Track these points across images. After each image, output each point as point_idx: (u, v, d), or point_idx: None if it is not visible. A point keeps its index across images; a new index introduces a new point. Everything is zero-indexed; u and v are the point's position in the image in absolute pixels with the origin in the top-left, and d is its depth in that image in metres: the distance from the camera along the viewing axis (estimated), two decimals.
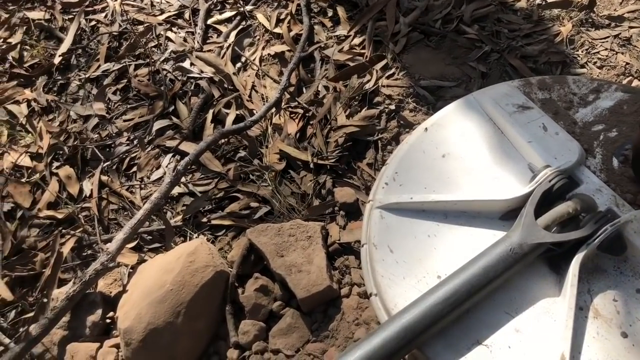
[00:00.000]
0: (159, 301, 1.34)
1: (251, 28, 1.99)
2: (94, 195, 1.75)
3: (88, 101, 2.03)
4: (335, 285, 1.37)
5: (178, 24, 2.14)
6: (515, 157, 1.35)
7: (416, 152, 1.41)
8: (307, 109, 1.74)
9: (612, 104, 1.45)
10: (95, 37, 2.14)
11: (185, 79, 1.96)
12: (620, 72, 1.65)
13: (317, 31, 1.93)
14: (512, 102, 1.41)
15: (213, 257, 1.41)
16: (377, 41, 1.85)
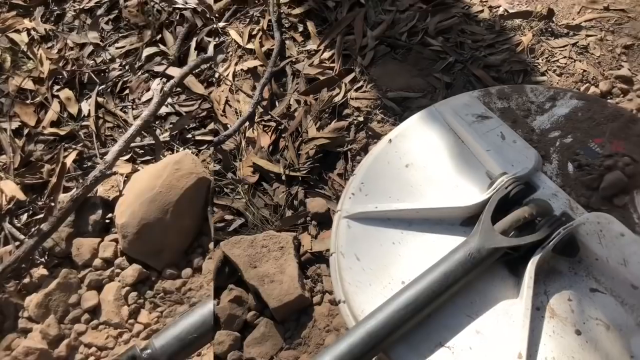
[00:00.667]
0: (150, 201, 1.64)
1: (224, 44, 2.05)
2: (92, 115, 2.03)
3: (83, 30, 2.29)
4: (307, 294, 1.42)
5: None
6: (475, 166, 1.41)
7: (381, 163, 1.47)
8: (279, 122, 1.80)
9: (567, 111, 1.52)
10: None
11: (172, 9, 2.21)
12: (578, 79, 1.72)
13: (288, 46, 1.99)
14: (472, 112, 1.47)
15: (196, 166, 1.71)
16: (346, 55, 1.91)
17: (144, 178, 1.70)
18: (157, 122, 1.99)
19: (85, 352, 1.56)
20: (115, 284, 1.64)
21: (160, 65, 2.10)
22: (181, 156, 1.72)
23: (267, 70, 1.92)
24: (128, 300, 1.62)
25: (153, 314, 1.60)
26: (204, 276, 1.62)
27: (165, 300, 1.62)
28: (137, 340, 1.57)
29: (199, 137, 1.91)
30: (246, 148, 1.82)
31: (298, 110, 1.83)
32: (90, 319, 1.61)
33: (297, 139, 1.79)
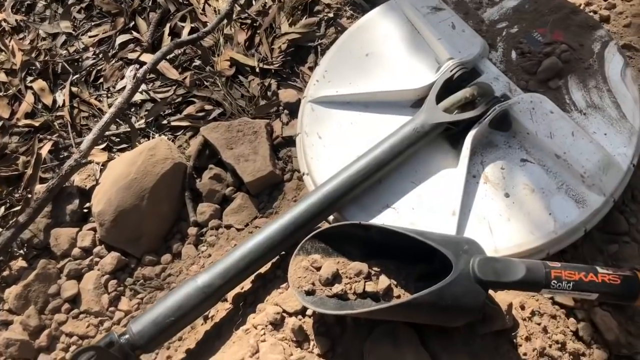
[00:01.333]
0: (126, 188, 1.63)
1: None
2: (66, 105, 2.02)
3: (55, 20, 2.27)
4: (279, 172, 1.60)
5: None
6: (427, 53, 1.54)
7: (343, 53, 1.60)
8: (255, 19, 1.90)
9: (515, 4, 1.63)
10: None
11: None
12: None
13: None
14: (427, 4, 1.58)
15: (172, 151, 1.64)
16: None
17: (120, 165, 1.69)
18: (133, 109, 1.99)
19: (67, 341, 1.57)
20: (94, 272, 1.64)
21: (134, 52, 2.09)
22: (156, 142, 1.71)
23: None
24: (108, 288, 1.62)
25: (133, 301, 1.60)
26: (184, 261, 1.64)
27: (146, 286, 1.62)
28: (118, 328, 1.57)
29: (174, 123, 1.90)
30: (224, 44, 1.92)
31: (272, 7, 1.92)
32: (70, 308, 1.60)
33: (271, 35, 1.89)
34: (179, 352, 1.44)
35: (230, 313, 1.41)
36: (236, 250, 1.32)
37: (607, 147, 1.40)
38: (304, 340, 1.20)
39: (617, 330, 1.33)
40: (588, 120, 1.45)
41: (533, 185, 1.38)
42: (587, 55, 1.54)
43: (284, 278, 1.36)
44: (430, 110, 1.41)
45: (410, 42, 1.61)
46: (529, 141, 1.43)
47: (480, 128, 1.41)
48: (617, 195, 1.39)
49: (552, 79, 1.52)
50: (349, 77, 1.60)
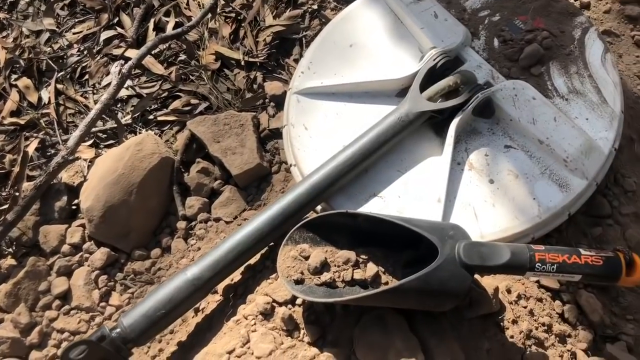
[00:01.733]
0: (113, 183, 1.63)
1: None
2: (52, 102, 2.02)
3: (38, 17, 2.26)
4: (266, 164, 1.61)
5: None
6: (410, 42, 1.55)
7: (328, 44, 1.60)
8: (239, 12, 1.90)
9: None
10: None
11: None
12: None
13: None
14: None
15: (159, 146, 1.65)
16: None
17: (107, 161, 1.69)
18: (119, 105, 1.99)
19: (58, 337, 1.57)
20: (84, 268, 1.64)
21: (118, 48, 2.08)
22: (143, 137, 1.71)
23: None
24: (98, 283, 1.62)
25: (124, 296, 1.61)
26: (173, 255, 1.65)
27: (136, 281, 1.63)
28: (110, 323, 1.57)
29: (161, 118, 1.90)
30: (209, 38, 1.92)
31: (256, 0, 1.92)
32: (61, 305, 1.60)
33: (255, 28, 1.90)
34: (171, 345, 1.45)
35: (221, 305, 1.42)
36: (225, 242, 1.33)
37: (589, 131, 1.42)
38: (294, 329, 1.21)
39: (602, 312, 1.35)
40: (570, 106, 1.47)
41: (517, 170, 1.40)
42: (568, 41, 1.56)
43: (273, 268, 1.37)
44: (414, 99, 1.42)
45: (393, 32, 1.62)
46: (512, 127, 1.44)
47: (463, 116, 1.42)
48: (599, 179, 1.41)
49: (534, 66, 1.53)
50: (333, 68, 1.60)
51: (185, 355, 1.38)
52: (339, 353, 1.16)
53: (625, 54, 1.70)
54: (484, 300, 1.23)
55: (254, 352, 1.19)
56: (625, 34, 1.73)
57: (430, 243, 1.12)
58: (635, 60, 1.69)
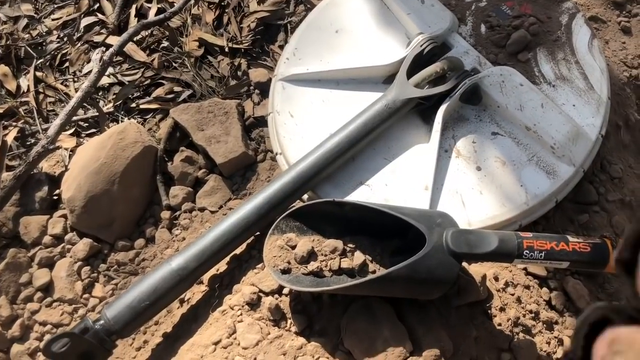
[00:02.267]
0: (95, 172, 1.60)
1: None
2: (31, 90, 1.98)
3: (16, 3, 2.20)
4: (251, 152, 1.59)
5: None
6: (397, 28, 1.54)
7: (313, 30, 1.58)
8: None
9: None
10: None
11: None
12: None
13: None
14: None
15: (141, 135, 1.62)
16: None
17: (89, 150, 1.66)
18: (100, 93, 1.95)
19: (41, 330, 1.54)
20: (67, 259, 1.61)
21: (99, 35, 2.03)
22: (125, 126, 1.68)
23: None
24: (81, 275, 1.59)
25: (108, 287, 1.59)
26: (157, 246, 1.63)
27: (119, 272, 1.61)
28: (93, 315, 1.54)
29: (143, 106, 1.87)
30: (192, 24, 1.89)
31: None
32: (43, 297, 1.58)
33: (240, 14, 1.87)
34: (156, 336, 1.43)
35: (207, 295, 1.40)
36: (211, 232, 1.31)
37: (576, 118, 1.42)
38: (281, 319, 1.20)
39: (588, 298, 1.36)
40: (557, 92, 1.47)
41: (504, 157, 1.39)
42: (555, 27, 1.55)
43: (260, 258, 1.36)
44: (401, 86, 1.41)
45: (379, 18, 1.60)
46: (500, 114, 1.44)
47: (451, 102, 1.41)
48: (586, 165, 1.42)
49: (521, 52, 1.53)
50: (319, 54, 1.58)
51: (171, 347, 1.36)
52: (326, 342, 1.15)
53: (612, 40, 1.70)
54: (472, 288, 1.23)
55: (240, 342, 1.17)
56: (611, 20, 1.73)
57: (418, 231, 1.11)
58: (622, 47, 1.69)
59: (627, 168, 1.57)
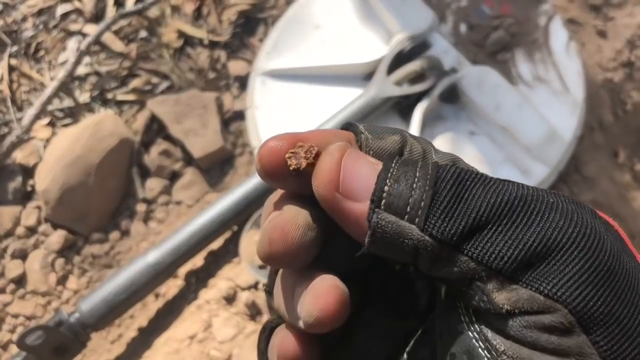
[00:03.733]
0: (71, 164, 1.60)
1: None
2: (5, 79, 1.96)
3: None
4: (230, 146, 1.60)
5: None
6: (378, 25, 1.56)
7: (293, 24, 1.59)
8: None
9: None
10: None
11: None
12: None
13: None
14: None
15: (118, 126, 1.63)
16: None
17: (64, 141, 1.64)
18: (77, 83, 1.91)
19: (13, 322, 1.54)
20: (40, 251, 1.60)
21: (76, 23, 2.00)
22: (102, 117, 1.68)
23: None
24: (55, 267, 1.58)
25: (82, 280, 1.58)
26: (133, 239, 1.63)
27: (94, 264, 1.60)
28: (67, 307, 1.53)
29: (120, 97, 1.85)
30: (171, 15, 1.89)
31: None
32: (16, 289, 1.57)
33: (220, 5, 1.87)
34: (131, 330, 1.44)
35: (182, 290, 1.41)
36: (187, 226, 1.32)
37: (552, 119, 1.46)
38: (257, 314, 1.22)
39: None
40: (534, 93, 1.50)
41: (481, 156, 1.43)
42: (533, 29, 1.59)
43: (236, 252, 1.37)
44: (381, 84, 1.43)
45: (360, 15, 1.62)
46: (477, 113, 1.47)
47: (429, 101, 1.44)
48: (561, 166, 1.46)
49: (500, 52, 1.56)
50: (299, 49, 1.59)
51: (146, 340, 1.37)
52: None
53: (588, 43, 1.74)
54: None
55: (216, 337, 1.19)
56: (588, 23, 1.77)
57: None
58: (597, 50, 1.74)
59: (600, 169, 1.61)
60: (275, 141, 0.29)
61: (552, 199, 0.26)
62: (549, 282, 0.23)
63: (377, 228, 0.26)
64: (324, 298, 0.27)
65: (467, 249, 0.25)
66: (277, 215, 0.29)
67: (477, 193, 0.26)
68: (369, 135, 0.30)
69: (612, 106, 1.76)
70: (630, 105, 1.81)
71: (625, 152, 1.78)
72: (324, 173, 0.27)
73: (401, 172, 0.26)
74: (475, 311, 0.26)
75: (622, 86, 1.79)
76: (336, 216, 0.28)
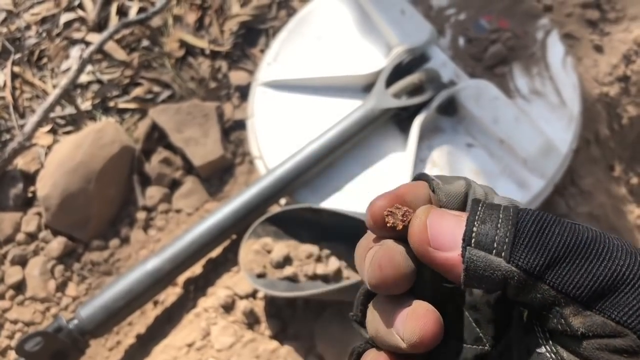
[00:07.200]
0: (72, 171, 1.61)
1: None
2: (8, 85, 1.97)
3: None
4: (230, 155, 1.62)
5: None
6: (377, 38, 1.57)
7: (295, 36, 1.61)
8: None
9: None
10: None
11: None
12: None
13: None
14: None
15: (119, 134, 1.64)
16: None
17: (66, 148, 1.66)
18: (79, 91, 1.94)
19: (12, 328, 1.54)
20: (40, 258, 1.61)
21: (79, 32, 2.02)
22: (103, 124, 1.69)
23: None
24: (55, 273, 1.59)
25: (81, 286, 1.58)
26: (132, 246, 1.63)
27: (94, 271, 1.60)
28: (66, 314, 1.54)
29: (122, 105, 1.87)
30: (173, 25, 1.90)
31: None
32: (15, 295, 1.57)
33: (222, 16, 1.88)
34: (129, 337, 1.44)
35: (181, 297, 1.42)
36: (187, 234, 1.33)
37: (548, 132, 1.47)
38: (255, 323, 1.23)
39: None
40: (531, 106, 1.52)
41: (478, 168, 1.44)
42: (530, 43, 1.60)
43: (235, 261, 1.38)
44: (380, 96, 1.44)
45: (360, 27, 1.64)
46: (475, 126, 1.48)
47: (427, 113, 1.45)
48: (557, 178, 1.47)
49: (498, 66, 1.58)
50: (300, 60, 1.61)
51: (144, 348, 1.38)
52: (299, 347, 1.18)
53: (585, 57, 1.76)
54: None
55: (214, 345, 1.20)
56: (584, 38, 1.79)
57: None
58: (593, 64, 1.76)
59: (596, 182, 1.63)
60: (380, 201, 0.36)
61: (617, 242, 0.29)
62: (619, 311, 0.27)
63: (469, 263, 0.30)
64: (424, 320, 0.31)
65: (549, 279, 0.28)
66: (380, 246, 0.35)
67: (555, 232, 0.29)
68: (439, 181, 0.36)
69: (608, 120, 1.77)
70: (626, 119, 1.82)
71: (620, 166, 1.80)
72: (416, 234, 0.32)
73: (487, 215, 0.31)
74: (552, 333, 0.30)
75: (618, 100, 1.81)
76: (431, 263, 0.32)
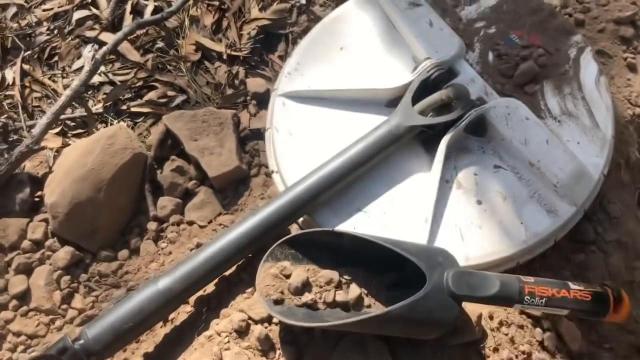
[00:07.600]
0: (82, 179, 1.56)
1: None
2: (17, 84, 1.91)
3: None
4: (245, 166, 1.56)
5: None
6: (403, 50, 1.51)
7: (317, 45, 1.55)
8: (223, 1, 1.82)
9: (494, 3, 1.61)
10: None
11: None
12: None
13: None
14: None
15: (131, 141, 1.58)
16: None
17: (75, 154, 1.60)
18: (90, 92, 1.89)
19: (14, 341, 1.48)
20: (46, 267, 1.55)
21: (92, 30, 1.96)
22: (115, 130, 1.63)
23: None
24: (60, 284, 1.53)
25: (88, 299, 1.53)
26: (142, 258, 1.58)
27: (101, 283, 1.55)
28: (71, 327, 1.50)
29: (134, 109, 1.81)
30: (190, 26, 1.85)
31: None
32: (18, 305, 1.52)
33: (240, 19, 1.83)
34: (136, 355, 1.39)
35: (192, 317, 1.36)
36: (200, 253, 1.27)
37: (580, 156, 1.40)
38: (269, 349, 1.17)
39: (581, 341, 1.35)
40: (562, 128, 1.45)
41: (505, 192, 1.37)
42: (563, 60, 1.54)
43: (250, 282, 1.32)
44: (406, 112, 1.38)
45: (386, 39, 1.57)
46: (503, 147, 1.42)
47: (455, 132, 1.39)
48: (587, 205, 1.40)
49: (528, 84, 1.51)
50: (322, 71, 1.54)
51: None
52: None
53: (617, 76, 1.69)
54: (467, 328, 1.21)
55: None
56: (618, 55, 1.72)
57: (416, 266, 1.09)
58: (626, 84, 1.69)
59: (625, 208, 1.56)
60: None
61: None
62: None
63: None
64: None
65: None
66: None
67: None
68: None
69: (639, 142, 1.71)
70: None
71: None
72: None
73: None
74: None
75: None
76: None
